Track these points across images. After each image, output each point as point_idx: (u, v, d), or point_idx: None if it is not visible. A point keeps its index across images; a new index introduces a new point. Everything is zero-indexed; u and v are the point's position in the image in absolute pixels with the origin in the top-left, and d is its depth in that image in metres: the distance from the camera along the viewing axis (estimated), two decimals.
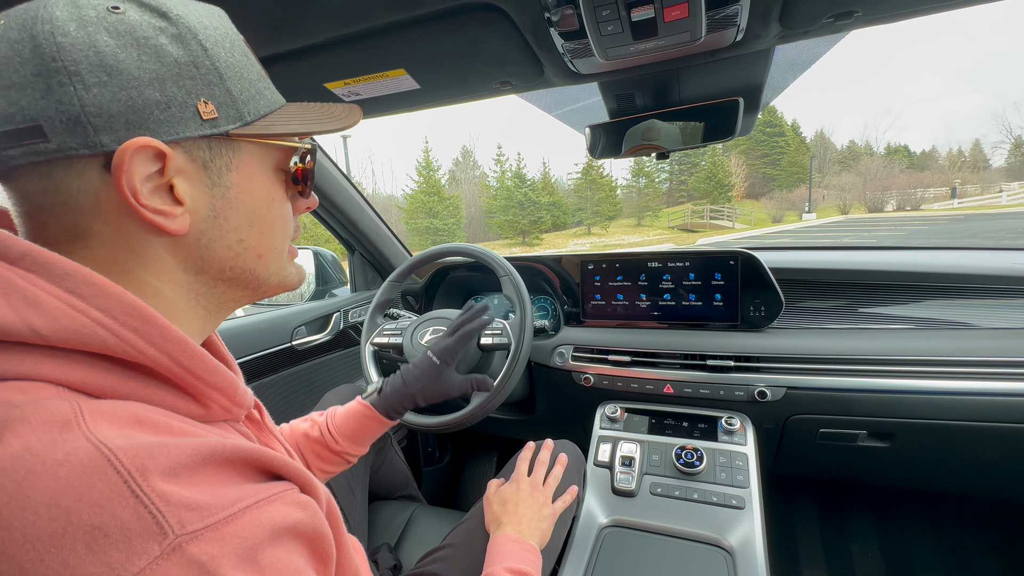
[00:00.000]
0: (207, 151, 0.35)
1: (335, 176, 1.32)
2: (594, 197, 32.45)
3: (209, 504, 0.27)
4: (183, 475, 0.28)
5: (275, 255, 0.42)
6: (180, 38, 0.33)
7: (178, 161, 0.34)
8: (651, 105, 1.00)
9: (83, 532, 0.24)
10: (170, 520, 0.25)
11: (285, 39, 0.72)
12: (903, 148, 54.48)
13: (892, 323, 1.08)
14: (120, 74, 0.31)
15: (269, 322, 1.28)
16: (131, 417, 0.30)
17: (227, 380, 0.37)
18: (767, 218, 32.46)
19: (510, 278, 1.08)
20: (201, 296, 0.39)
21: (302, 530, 0.32)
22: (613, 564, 0.82)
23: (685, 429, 1.07)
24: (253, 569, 0.27)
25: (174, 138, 0.33)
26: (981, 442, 0.96)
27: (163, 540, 0.25)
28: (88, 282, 0.31)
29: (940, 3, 0.65)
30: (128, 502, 0.25)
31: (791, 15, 0.67)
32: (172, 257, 0.36)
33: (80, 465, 0.25)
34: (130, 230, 0.34)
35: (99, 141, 0.31)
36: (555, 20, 0.65)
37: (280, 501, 0.31)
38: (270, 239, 0.41)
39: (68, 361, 0.29)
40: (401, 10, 0.66)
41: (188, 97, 0.34)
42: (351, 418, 0.77)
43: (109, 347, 0.30)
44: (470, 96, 0.95)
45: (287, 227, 0.44)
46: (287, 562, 0.30)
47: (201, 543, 0.26)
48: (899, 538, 1.34)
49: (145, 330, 0.32)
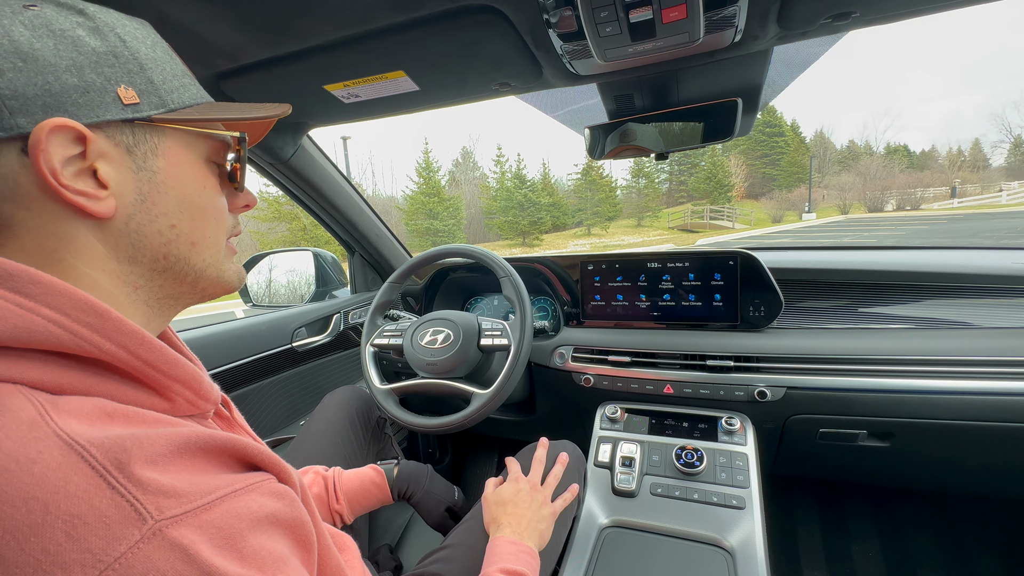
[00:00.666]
0: (130, 136, 0.36)
1: (335, 177, 1.32)
2: (594, 198, 32.44)
3: (187, 491, 0.28)
4: (159, 464, 0.28)
5: (209, 245, 0.42)
6: (98, 30, 0.35)
7: (100, 144, 0.34)
8: (650, 106, 1.00)
9: (62, 521, 0.24)
10: (148, 507, 0.26)
11: (285, 42, 0.72)
12: (903, 148, 54.49)
13: (892, 323, 1.08)
14: (36, 60, 0.32)
15: (269, 323, 1.28)
16: (98, 411, 0.30)
17: (189, 373, 0.37)
18: (767, 218, 32.46)
19: (510, 279, 1.08)
20: (140, 290, 0.39)
21: (282, 519, 0.33)
22: (613, 564, 0.82)
23: (685, 429, 1.07)
24: (235, 556, 0.28)
25: (93, 121, 0.34)
26: (981, 441, 0.96)
27: (142, 525, 0.26)
28: (34, 281, 0.30)
29: (937, 3, 0.66)
30: (105, 493, 0.26)
31: (789, 16, 0.67)
32: (103, 245, 0.36)
33: (54, 462, 0.25)
34: (55, 215, 0.33)
35: (15, 123, 0.31)
36: (554, 22, 0.66)
37: (257, 491, 0.32)
38: (202, 227, 0.41)
39: (22, 360, 0.29)
40: (400, 12, 0.66)
41: (107, 83, 0.34)
42: (358, 477, 0.82)
43: (64, 344, 0.30)
44: (469, 97, 0.95)
45: (221, 218, 0.44)
46: (270, 549, 0.30)
47: (181, 527, 0.27)
48: (899, 538, 1.34)
49: (99, 325, 0.32)
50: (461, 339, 1.05)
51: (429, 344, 1.07)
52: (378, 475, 0.83)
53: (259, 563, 0.29)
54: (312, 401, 1.38)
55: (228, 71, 0.80)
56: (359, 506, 0.81)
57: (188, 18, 0.64)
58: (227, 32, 0.69)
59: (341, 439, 0.95)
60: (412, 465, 0.87)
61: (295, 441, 0.95)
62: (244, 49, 0.74)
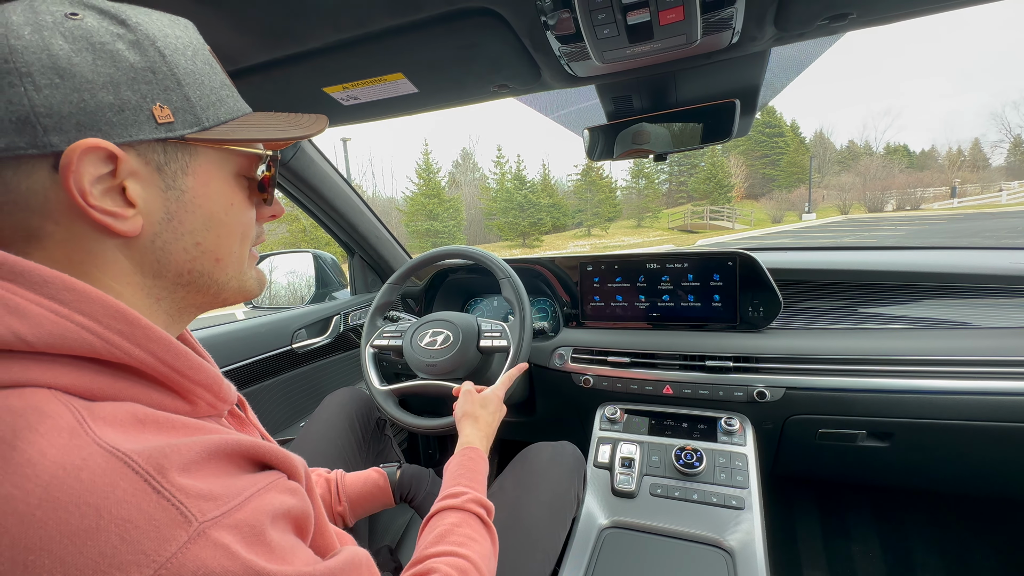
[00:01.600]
0: (162, 154, 0.36)
1: (335, 179, 1.32)
2: (594, 199, 32.44)
3: (222, 494, 0.30)
4: (194, 470, 0.30)
5: (233, 260, 0.43)
6: (138, 44, 0.34)
7: (131, 163, 0.34)
8: (648, 107, 1.01)
9: (115, 525, 0.26)
10: (192, 510, 0.28)
11: (284, 44, 0.72)
12: (902, 148, 54.49)
13: (891, 323, 1.08)
14: (73, 76, 0.31)
15: (269, 325, 1.28)
16: (131, 418, 0.31)
17: (211, 376, 0.38)
18: (767, 218, 32.46)
19: (509, 280, 1.08)
20: (162, 301, 0.39)
21: (294, 514, 0.36)
22: (613, 565, 0.82)
23: (685, 430, 1.07)
24: (263, 549, 0.30)
25: (127, 140, 0.33)
26: (981, 441, 0.96)
27: (188, 527, 0.27)
28: (68, 288, 0.31)
29: (934, 4, 0.66)
30: (151, 497, 0.27)
31: (786, 17, 0.67)
32: (128, 260, 0.36)
33: (99, 468, 0.26)
34: (82, 231, 0.34)
35: (48, 141, 0.31)
36: (551, 24, 0.66)
37: (275, 489, 0.35)
38: (228, 243, 0.42)
39: (56, 366, 0.30)
40: (399, 15, 0.66)
41: (143, 101, 0.34)
42: (361, 480, 0.82)
43: (96, 350, 0.31)
44: (468, 99, 0.95)
45: (247, 233, 0.44)
46: (286, 540, 0.33)
47: (220, 528, 0.29)
48: (899, 537, 1.34)
49: (130, 332, 0.33)
50: (461, 340, 1.05)
51: (429, 345, 1.07)
52: (381, 478, 0.84)
53: (281, 554, 0.32)
54: (312, 402, 1.38)
55: (227, 74, 0.80)
56: (361, 508, 0.81)
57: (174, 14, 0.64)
58: (226, 35, 0.69)
59: (341, 440, 0.95)
60: (414, 468, 0.88)
61: (295, 442, 0.95)
62: (243, 52, 0.74)
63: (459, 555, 0.54)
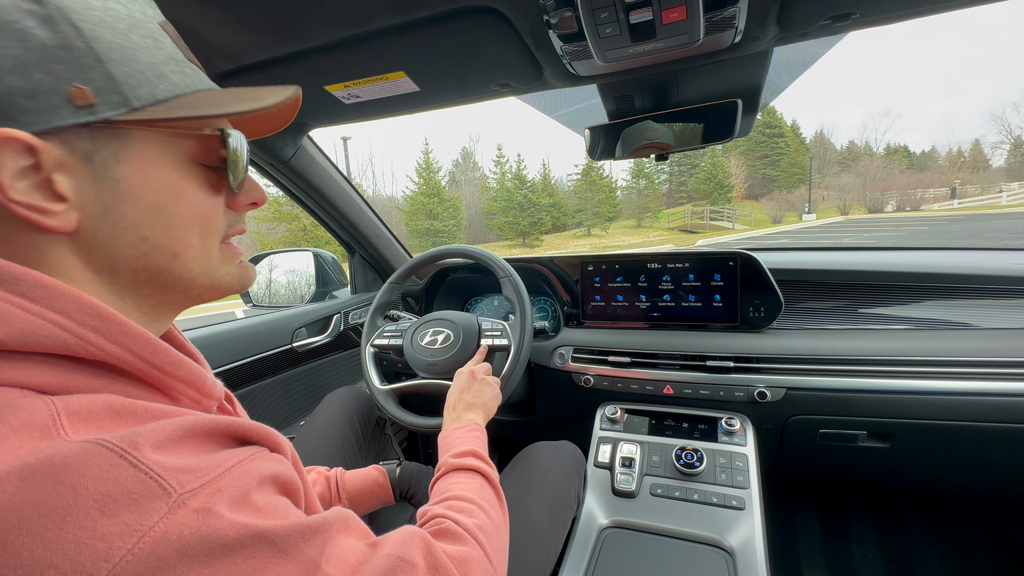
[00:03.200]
0: (89, 141, 0.32)
1: (335, 178, 1.32)
2: (594, 198, 32.42)
3: (201, 467, 0.30)
4: (170, 447, 0.30)
5: (195, 255, 0.39)
6: (49, 19, 0.30)
7: (54, 153, 0.31)
8: (650, 107, 1.01)
9: (93, 500, 0.25)
10: (171, 482, 0.28)
11: (286, 42, 0.72)
12: (903, 148, 54.50)
13: (892, 323, 1.08)
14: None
15: (269, 324, 1.28)
16: (107, 409, 0.30)
17: (194, 372, 0.37)
18: (767, 219, 32.46)
19: (510, 279, 1.08)
20: (127, 298, 0.37)
21: (281, 479, 0.35)
22: (613, 565, 0.82)
23: (685, 430, 1.07)
24: (249, 509, 0.30)
25: (44, 128, 0.30)
26: (981, 442, 0.96)
27: (168, 499, 0.27)
28: (39, 284, 0.30)
29: (937, 4, 0.66)
30: (128, 471, 0.27)
31: (789, 17, 0.67)
32: (76, 256, 0.34)
33: (72, 452, 0.26)
34: (17, 229, 0.32)
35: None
36: (554, 22, 0.66)
37: (258, 458, 0.34)
38: (183, 237, 0.38)
39: (30, 364, 0.29)
40: (400, 13, 0.66)
41: (57, 83, 0.31)
42: (361, 477, 0.82)
43: (69, 347, 0.30)
44: (469, 98, 0.95)
45: (209, 224, 0.39)
46: (276, 501, 0.33)
47: (201, 496, 0.28)
48: (899, 538, 1.34)
49: (105, 328, 0.32)
50: (461, 339, 1.05)
51: (429, 344, 1.07)
52: (381, 475, 0.84)
53: (271, 512, 0.32)
54: (312, 401, 1.38)
55: (229, 72, 0.81)
56: (361, 506, 0.81)
57: (189, 19, 0.64)
58: (228, 33, 0.69)
59: (341, 439, 0.95)
60: (414, 466, 0.87)
61: (295, 441, 0.95)
62: (245, 50, 0.74)
63: (465, 499, 0.54)
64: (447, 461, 0.64)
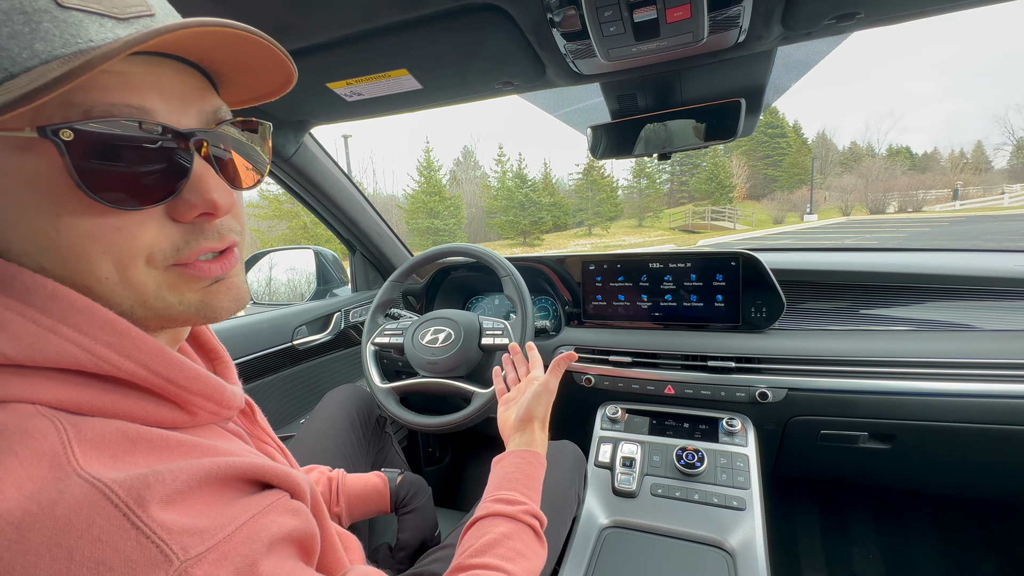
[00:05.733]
0: None
1: (336, 176, 1.32)
2: (595, 198, 32.42)
3: (209, 527, 0.28)
4: (179, 500, 0.28)
5: (115, 287, 0.31)
6: None
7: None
8: (653, 106, 1.00)
9: (87, 569, 0.24)
10: (174, 547, 0.25)
11: (289, 39, 0.72)
12: (905, 150, 54.40)
13: (893, 325, 1.07)
14: None
15: (270, 321, 1.28)
16: (121, 437, 0.29)
17: (211, 385, 0.35)
18: (768, 219, 32.42)
19: (511, 278, 1.08)
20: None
21: (296, 535, 0.33)
22: (613, 565, 0.82)
23: (686, 430, 1.06)
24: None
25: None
26: (982, 444, 0.96)
27: (169, 567, 0.25)
28: (55, 297, 0.29)
29: (941, 5, 0.65)
30: (130, 534, 0.25)
31: (793, 16, 0.67)
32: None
33: (76, 503, 0.25)
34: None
35: None
36: (557, 21, 0.66)
37: (274, 511, 0.32)
38: (86, 269, 0.30)
39: (40, 379, 0.28)
40: (403, 11, 0.66)
41: None
42: (361, 483, 0.80)
43: (81, 363, 0.29)
44: (472, 96, 0.95)
45: (125, 248, 0.31)
46: (283, 567, 0.31)
47: (205, 564, 0.26)
48: (900, 540, 1.34)
49: (119, 343, 0.30)
50: (462, 338, 1.05)
51: (430, 343, 1.07)
52: (382, 483, 0.81)
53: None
54: (312, 399, 1.38)
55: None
56: (358, 511, 0.80)
57: (191, 15, 0.64)
58: None
59: (341, 438, 0.95)
60: (414, 479, 0.84)
61: (295, 439, 0.95)
62: None
63: (505, 571, 0.50)
64: (491, 503, 0.60)
